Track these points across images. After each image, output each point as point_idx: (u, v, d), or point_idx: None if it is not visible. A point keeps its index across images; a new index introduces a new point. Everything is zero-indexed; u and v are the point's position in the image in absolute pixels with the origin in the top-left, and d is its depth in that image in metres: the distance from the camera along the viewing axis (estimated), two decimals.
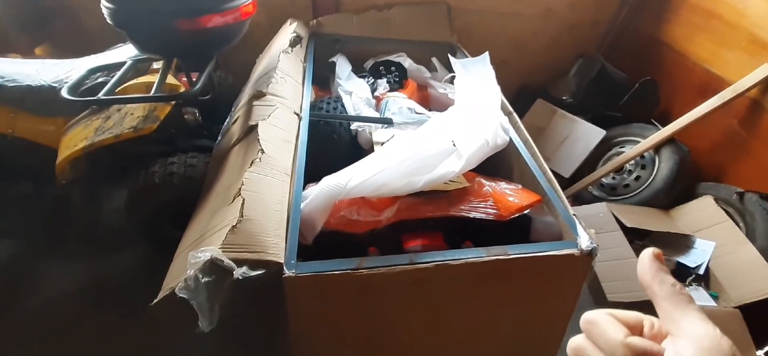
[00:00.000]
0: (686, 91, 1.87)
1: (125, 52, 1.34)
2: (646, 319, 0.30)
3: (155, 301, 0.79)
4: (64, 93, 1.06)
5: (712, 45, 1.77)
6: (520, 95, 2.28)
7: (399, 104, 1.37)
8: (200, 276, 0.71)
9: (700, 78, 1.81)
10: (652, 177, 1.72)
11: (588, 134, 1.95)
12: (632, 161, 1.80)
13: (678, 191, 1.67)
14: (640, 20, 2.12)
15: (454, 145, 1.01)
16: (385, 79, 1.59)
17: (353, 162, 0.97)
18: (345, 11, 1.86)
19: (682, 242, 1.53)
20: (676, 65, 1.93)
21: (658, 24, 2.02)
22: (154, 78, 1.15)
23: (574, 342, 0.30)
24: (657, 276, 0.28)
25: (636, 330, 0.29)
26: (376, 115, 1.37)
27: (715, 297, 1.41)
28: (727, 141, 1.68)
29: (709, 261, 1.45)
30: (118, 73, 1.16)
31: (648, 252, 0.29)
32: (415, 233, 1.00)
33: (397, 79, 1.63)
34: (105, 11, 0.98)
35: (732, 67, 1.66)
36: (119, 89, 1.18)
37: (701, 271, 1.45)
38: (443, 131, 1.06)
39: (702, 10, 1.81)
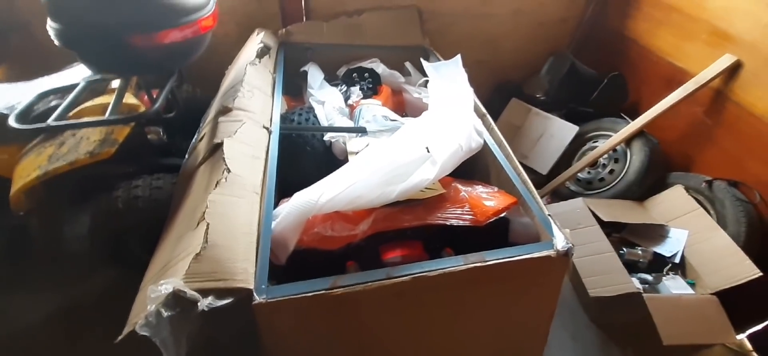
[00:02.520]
0: (653, 84, 1.93)
1: (80, 72, 1.27)
2: None
3: (120, 338, 0.74)
4: (12, 121, 0.98)
5: (674, 38, 1.83)
6: (496, 94, 2.30)
7: (373, 111, 1.35)
8: (163, 310, 0.67)
9: (664, 71, 1.86)
10: (625, 170, 1.76)
11: (562, 131, 1.98)
12: (606, 155, 1.84)
13: (650, 182, 1.71)
14: (607, 16, 2.17)
15: (428, 151, 0.99)
16: (358, 87, 1.57)
17: (329, 173, 0.94)
18: (315, 18, 1.82)
19: (657, 232, 1.56)
20: (642, 59, 1.99)
21: (623, 19, 2.08)
22: (111, 99, 1.08)
23: None
24: None
25: None
26: (350, 124, 1.34)
27: (692, 284, 1.45)
28: (694, 131, 1.74)
29: (683, 249, 1.49)
30: (70, 96, 1.09)
31: None
32: (394, 244, 0.98)
33: (371, 85, 1.61)
34: (51, 32, 0.91)
35: (694, 59, 1.71)
36: (73, 112, 1.11)
37: (677, 259, 1.49)
38: (417, 137, 1.04)
39: (663, 5, 1.87)
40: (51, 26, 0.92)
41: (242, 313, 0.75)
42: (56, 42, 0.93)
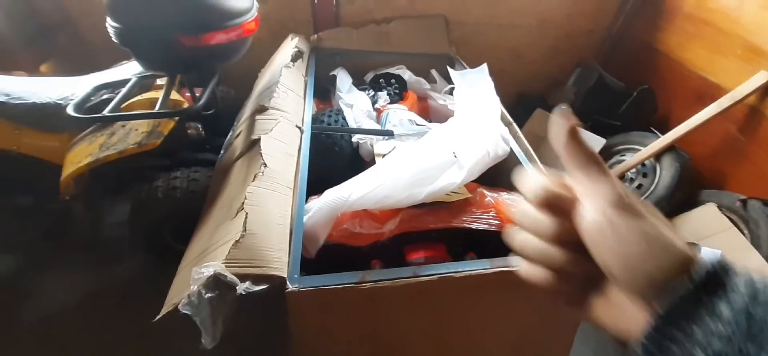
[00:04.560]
0: (683, 98, 1.89)
1: (130, 69, 1.36)
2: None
3: (158, 317, 0.78)
4: (70, 110, 1.07)
5: (706, 52, 1.79)
6: (518, 105, 2.30)
7: (399, 115, 1.38)
8: (203, 291, 0.71)
9: (696, 85, 1.82)
10: (653, 185, 1.72)
11: (588, 143, 1.95)
12: (633, 170, 1.80)
13: (680, 199, 1.67)
14: (636, 29, 2.14)
15: (455, 156, 1.01)
16: (385, 92, 1.61)
17: (355, 174, 0.97)
18: (345, 26, 1.89)
19: None
20: (672, 73, 1.95)
21: (653, 32, 2.05)
22: (158, 94, 1.16)
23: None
24: (572, 146, 0.30)
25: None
26: (377, 127, 1.38)
27: None
28: (728, 148, 1.69)
29: None
30: (123, 90, 1.18)
31: (562, 124, 0.30)
32: (418, 245, 1.00)
33: (397, 91, 1.64)
34: (111, 31, 1.00)
35: (727, 74, 1.67)
36: (124, 105, 1.20)
37: None
38: (444, 142, 1.06)
39: (696, 19, 1.84)
40: (111, 25, 1.00)
41: (272, 303, 0.78)
42: (114, 40, 1.02)
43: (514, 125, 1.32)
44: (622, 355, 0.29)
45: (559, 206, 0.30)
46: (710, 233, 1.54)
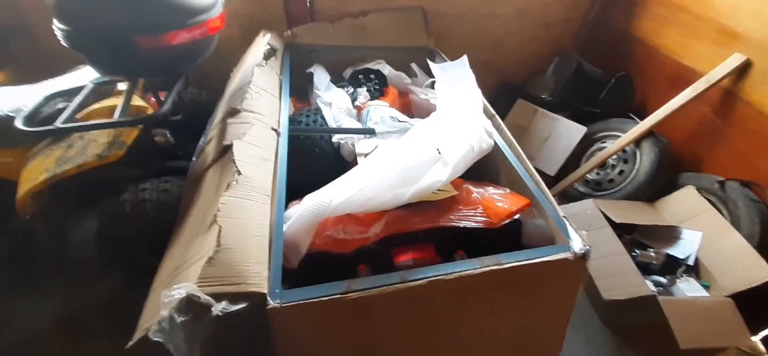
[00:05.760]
0: (660, 83, 1.91)
1: (87, 75, 1.26)
2: None
3: (130, 344, 0.72)
4: (19, 124, 0.97)
5: (681, 37, 1.82)
6: (499, 94, 2.29)
7: (381, 112, 1.34)
8: (176, 315, 0.66)
9: (672, 70, 1.85)
10: (634, 170, 1.74)
11: (570, 132, 1.96)
12: (615, 156, 1.82)
13: (660, 183, 1.69)
14: (612, 16, 2.16)
15: (439, 153, 0.98)
16: (365, 88, 1.56)
17: (338, 176, 0.93)
18: (319, 20, 1.82)
19: (670, 233, 1.54)
20: (649, 59, 1.97)
21: (628, 19, 2.07)
22: (119, 101, 1.07)
23: None
24: None
25: None
26: (358, 125, 1.33)
27: (706, 287, 1.43)
28: (704, 131, 1.72)
29: (697, 251, 1.47)
30: (78, 98, 1.08)
31: None
32: (406, 247, 0.96)
33: (377, 86, 1.60)
34: (59, 33, 0.91)
35: (702, 58, 1.70)
36: (80, 114, 1.10)
37: (691, 261, 1.47)
38: (427, 139, 1.03)
39: (669, 4, 1.86)
40: (58, 28, 0.91)
41: (254, 318, 0.73)
42: (63, 44, 0.93)
43: (497, 117, 1.29)
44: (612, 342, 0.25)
45: None
46: (691, 215, 1.57)
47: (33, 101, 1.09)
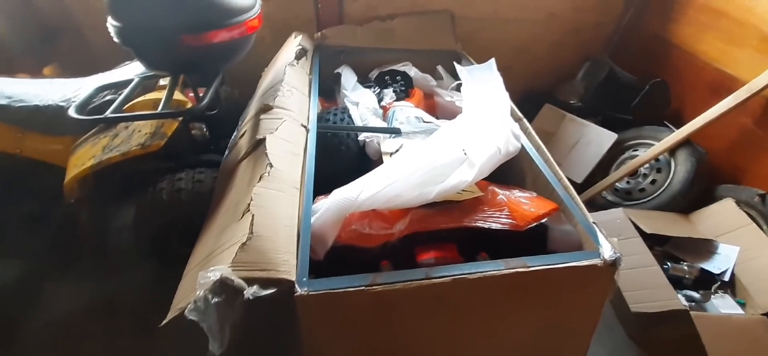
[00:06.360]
0: (697, 91, 1.84)
1: (132, 70, 1.34)
2: None
3: (164, 322, 0.76)
4: (72, 112, 1.05)
5: (721, 44, 1.74)
6: (526, 100, 2.26)
7: (406, 113, 1.35)
8: (210, 296, 0.69)
9: (711, 77, 1.77)
10: (668, 180, 1.67)
11: (599, 138, 1.91)
12: (647, 165, 1.76)
13: (696, 194, 1.62)
14: (646, 21, 2.09)
15: (465, 154, 0.98)
16: (391, 89, 1.58)
17: (362, 173, 0.95)
18: (348, 23, 1.85)
19: (705, 247, 1.47)
20: (686, 65, 1.90)
21: (664, 24, 2.00)
22: (161, 95, 1.14)
23: None
24: None
25: None
26: (384, 125, 1.35)
27: (742, 304, 1.35)
28: (744, 141, 1.64)
29: (733, 267, 1.40)
30: (125, 91, 1.16)
31: None
32: (429, 246, 0.97)
33: (403, 88, 1.61)
34: (111, 30, 0.98)
35: (743, 66, 1.62)
36: (127, 106, 1.18)
37: (726, 277, 1.40)
38: (453, 139, 1.03)
39: (709, 9, 1.79)
40: (111, 24, 0.98)
41: (279, 307, 0.76)
42: (115, 39, 0.99)
43: (525, 120, 1.28)
44: None
45: None
46: (728, 229, 1.49)
47: (84, 92, 1.17)
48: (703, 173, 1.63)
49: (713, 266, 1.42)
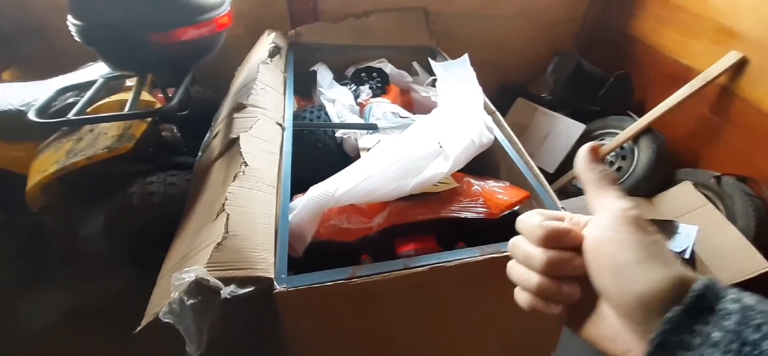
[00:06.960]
0: (659, 82, 1.94)
1: (96, 71, 1.29)
2: (567, 214, 0.36)
3: (139, 328, 0.74)
4: (32, 116, 1.00)
5: (679, 36, 1.84)
6: (500, 94, 2.32)
7: (383, 108, 1.36)
8: (185, 298, 0.68)
9: (670, 69, 1.87)
10: (632, 167, 1.76)
11: (569, 129, 1.99)
12: (613, 153, 1.84)
13: (658, 179, 1.71)
14: (611, 16, 2.19)
15: (440, 146, 1.00)
16: (367, 86, 1.58)
17: (340, 169, 0.95)
18: (323, 20, 1.85)
19: (667, 227, 1.56)
20: (648, 58, 2.00)
21: (628, 19, 2.10)
22: (128, 96, 1.10)
23: (512, 240, 0.38)
24: (588, 166, 0.33)
25: (557, 220, 0.35)
26: (361, 121, 1.35)
27: None
28: (701, 127, 1.75)
29: (693, 245, 1.49)
30: (89, 92, 1.11)
31: (585, 147, 0.34)
32: (408, 238, 0.98)
33: (380, 84, 1.62)
34: (72, 29, 0.94)
35: (700, 57, 1.73)
36: (91, 108, 1.13)
37: (687, 255, 1.49)
38: (429, 133, 1.05)
39: (668, 4, 1.89)
40: (72, 23, 0.94)
41: (259, 305, 0.75)
42: (77, 39, 0.95)
43: (498, 113, 1.32)
44: None
45: (555, 240, 0.33)
46: (687, 210, 1.59)
47: (44, 94, 1.12)
48: (664, 158, 1.72)
49: (674, 245, 1.51)
